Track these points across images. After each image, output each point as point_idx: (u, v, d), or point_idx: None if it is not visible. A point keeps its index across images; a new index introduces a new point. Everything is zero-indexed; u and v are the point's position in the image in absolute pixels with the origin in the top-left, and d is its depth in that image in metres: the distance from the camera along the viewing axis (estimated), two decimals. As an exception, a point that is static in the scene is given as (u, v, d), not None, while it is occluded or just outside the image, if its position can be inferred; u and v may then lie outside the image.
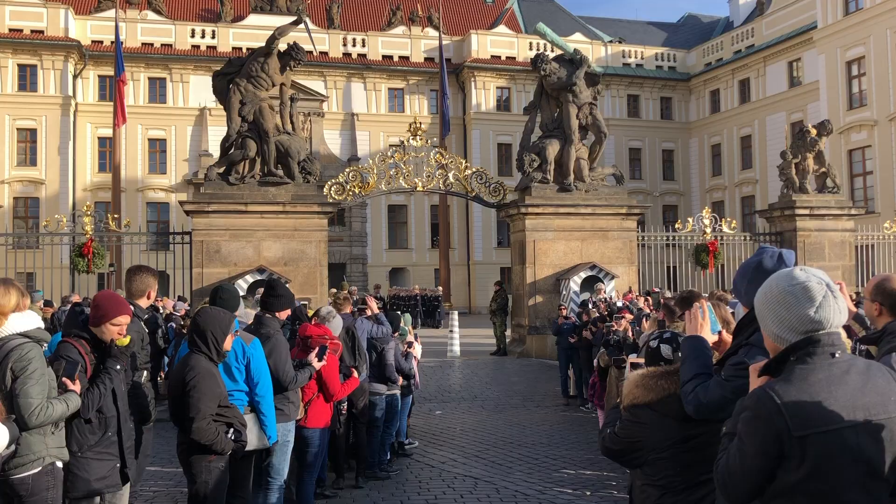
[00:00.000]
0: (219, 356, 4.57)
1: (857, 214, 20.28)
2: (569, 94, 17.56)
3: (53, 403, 3.75)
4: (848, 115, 32.83)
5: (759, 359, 2.84)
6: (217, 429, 4.42)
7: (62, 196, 35.26)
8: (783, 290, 2.22)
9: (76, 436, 4.04)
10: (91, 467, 4.06)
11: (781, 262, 3.00)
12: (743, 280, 3.09)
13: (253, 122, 15.51)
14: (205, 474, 4.47)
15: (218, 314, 4.68)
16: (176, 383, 4.55)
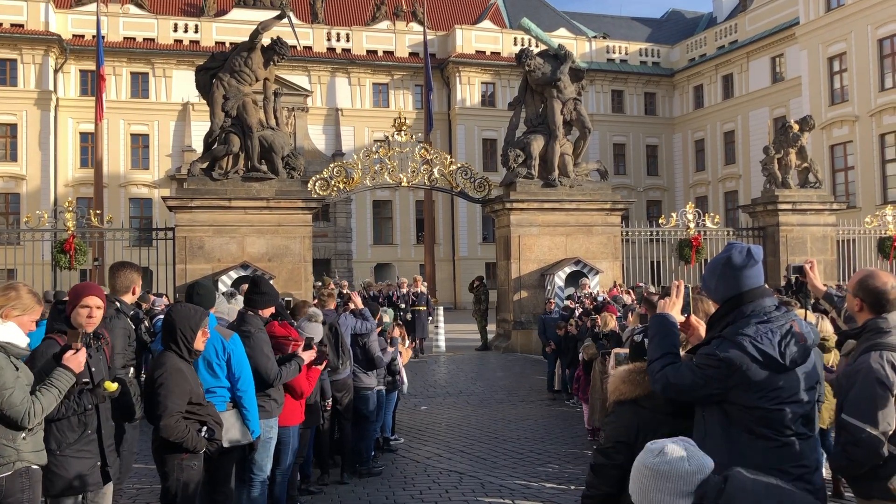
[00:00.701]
0: (190, 354, 4.52)
1: (838, 209, 20.46)
2: (553, 90, 17.58)
3: (39, 397, 3.72)
4: (830, 111, 33.10)
5: (731, 351, 2.91)
6: (188, 426, 4.38)
7: (43, 192, 34.92)
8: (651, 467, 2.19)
9: (55, 434, 4.00)
10: (70, 465, 4.03)
11: (751, 258, 3.04)
12: (713, 277, 3.11)
13: (236, 118, 15.43)
14: (177, 472, 4.45)
15: (189, 311, 4.63)
16: (147, 380, 4.54)
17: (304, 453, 6.77)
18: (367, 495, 7.01)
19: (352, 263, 39.44)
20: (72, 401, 3.96)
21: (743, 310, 2.99)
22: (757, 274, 3.05)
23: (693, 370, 2.92)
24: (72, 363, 3.88)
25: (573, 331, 11.19)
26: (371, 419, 7.88)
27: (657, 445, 2.21)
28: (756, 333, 2.91)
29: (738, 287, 3.02)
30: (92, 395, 4.05)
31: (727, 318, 3.03)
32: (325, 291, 9.03)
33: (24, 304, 3.90)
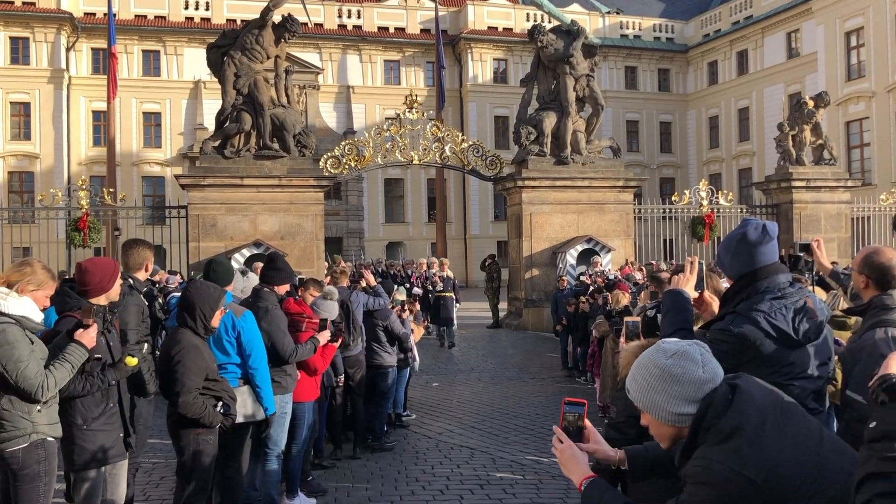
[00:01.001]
0: (206, 331, 4.58)
1: (853, 186, 20.28)
2: (566, 66, 17.45)
3: (52, 371, 3.78)
4: (846, 87, 32.69)
5: (745, 327, 2.92)
6: (204, 402, 4.45)
7: (57, 170, 35.10)
8: (662, 367, 2.09)
9: (80, 409, 4.09)
10: (96, 438, 4.12)
11: (766, 234, 3.03)
12: (727, 253, 3.12)
13: (248, 95, 15.42)
14: (193, 447, 4.52)
15: (208, 289, 4.69)
16: (163, 357, 4.59)
17: (316, 429, 6.85)
18: (379, 470, 7.08)
19: (363, 242, 39.50)
20: (96, 377, 4.03)
21: (757, 286, 3.00)
22: (772, 250, 3.05)
23: None
24: (84, 339, 3.94)
25: (585, 308, 11.19)
26: (387, 395, 7.97)
27: (672, 346, 2.12)
28: (770, 309, 2.92)
29: (752, 263, 3.03)
30: (114, 370, 4.12)
31: (741, 293, 3.03)
32: (338, 269, 9.09)
33: (39, 279, 3.95)
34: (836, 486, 1.99)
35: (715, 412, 2.03)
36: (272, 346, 5.37)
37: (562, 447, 2.31)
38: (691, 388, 2.05)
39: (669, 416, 2.09)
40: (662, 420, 2.11)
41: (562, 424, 2.35)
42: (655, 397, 2.09)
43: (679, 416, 2.08)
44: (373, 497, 6.27)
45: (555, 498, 6.20)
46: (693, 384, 2.05)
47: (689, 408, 2.06)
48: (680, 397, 2.06)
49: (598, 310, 10.09)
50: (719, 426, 2.02)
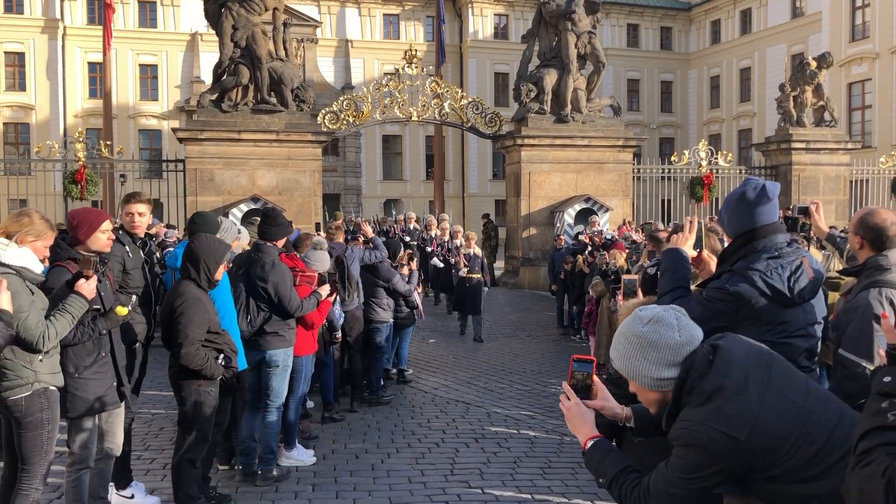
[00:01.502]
0: (210, 284, 4.62)
1: (853, 149, 20.22)
2: (568, 23, 17.24)
3: (53, 322, 3.81)
4: (849, 48, 32.37)
5: (741, 285, 2.95)
6: (206, 354, 4.51)
7: (53, 122, 34.82)
8: (639, 335, 2.12)
9: (72, 358, 4.12)
10: (89, 387, 4.16)
11: (764, 194, 3.06)
12: (727, 211, 3.15)
13: (246, 48, 15.24)
14: (194, 397, 4.58)
15: (213, 242, 4.71)
16: (166, 309, 4.62)
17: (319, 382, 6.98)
18: (376, 423, 7.18)
19: (361, 199, 39.42)
20: (87, 326, 4.06)
21: (755, 245, 3.04)
22: (771, 210, 3.07)
23: (702, 303, 2.98)
24: (84, 290, 3.96)
25: (584, 268, 11.22)
26: (382, 350, 8.05)
27: (647, 313, 2.16)
28: (766, 268, 2.96)
29: (751, 223, 3.05)
30: (105, 319, 4.15)
31: (739, 252, 3.07)
32: (334, 224, 9.10)
33: (38, 230, 3.96)
34: (821, 437, 2.03)
35: (696, 374, 2.07)
36: (278, 301, 5.41)
37: (569, 404, 2.34)
38: (668, 352, 2.09)
39: (651, 381, 2.13)
40: (646, 386, 2.15)
41: (570, 382, 2.37)
42: (636, 364, 2.12)
43: (660, 380, 2.11)
44: (369, 450, 6.37)
45: (548, 451, 6.31)
46: (670, 349, 2.09)
47: (669, 372, 2.09)
48: (659, 362, 2.09)
49: (595, 269, 10.14)
50: (701, 387, 2.05)
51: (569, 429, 2.38)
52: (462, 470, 5.85)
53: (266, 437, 5.58)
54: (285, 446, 5.95)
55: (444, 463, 6.02)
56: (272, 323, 5.49)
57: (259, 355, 5.52)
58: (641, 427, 2.46)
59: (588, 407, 2.34)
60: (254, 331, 5.46)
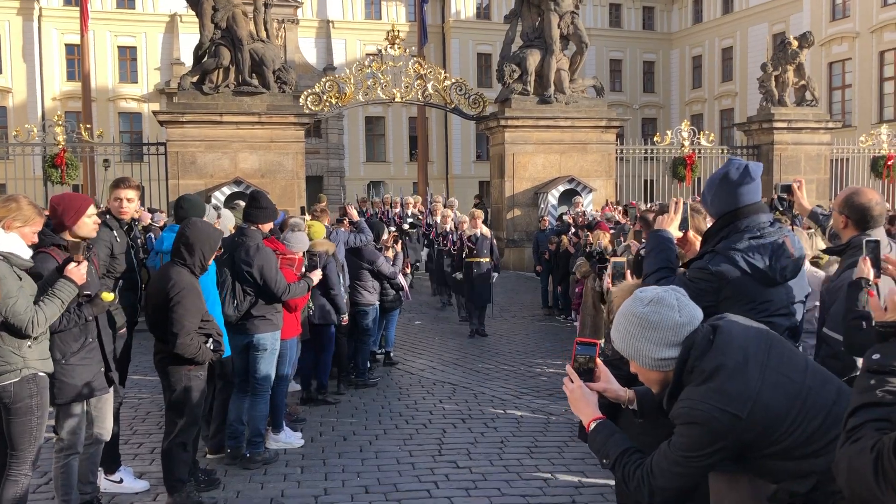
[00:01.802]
0: (202, 271, 4.60)
1: (833, 128, 20.37)
2: (550, 3, 17.20)
3: (42, 307, 3.80)
4: (830, 27, 32.51)
5: (722, 265, 2.98)
6: (199, 342, 4.51)
7: (30, 105, 34.33)
8: (640, 315, 2.15)
9: (59, 345, 4.10)
10: (76, 373, 4.15)
11: (747, 174, 3.08)
12: (709, 191, 3.17)
13: (226, 30, 15.09)
14: (184, 382, 4.58)
15: (208, 228, 4.68)
16: (156, 294, 4.56)
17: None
18: (363, 405, 7.21)
19: (344, 181, 39.23)
20: (72, 312, 4.04)
21: (737, 225, 3.06)
22: (753, 190, 3.10)
23: (685, 284, 2.99)
24: (74, 275, 3.94)
25: (570, 248, 11.28)
26: (369, 333, 8.06)
27: (647, 293, 2.19)
28: (748, 248, 2.99)
29: (733, 203, 3.08)
30: (91, 305, 4.13)
31: (721, 232, 3.09)
32: (319, 207, 9.07)
33: (25, 215, 3.92)
34: (821, 414, 2.07)
35: (697, 353, 2.09)
36: (264, 284, 5.40)
37: (572, 387, 2.36)
38: (669, 332, 2.11)
39: (652, 361, 2.15)
40: (647, 366, 2.17)
41: (573, 364, 2.38)
42: (637, 345, 2.15)
43: (661, 360, 2.13)
44: (357, 431, 6.40)
45: (535, 431, 6.37)
46: (671, 329, 2.11)
47: (670, 352, 2.11)
48: (660, 342, 2.12)
49: (580, 250, 10.19)
50: (702, 366, 2.08)
51: (572, 410, 2.40)
52: (450, 450, 5.89)
53: (254, 420, 5.59)
54: (273, 429, 5.96)
55: (431, 444, 6.07)
56: (259, 307, 5.49)
57: (246, 339, 5.52)
58: (644, 409, 2.49)
59: (591, 389, 2.36)
60: (241, 315, 5.45)
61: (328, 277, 6.91)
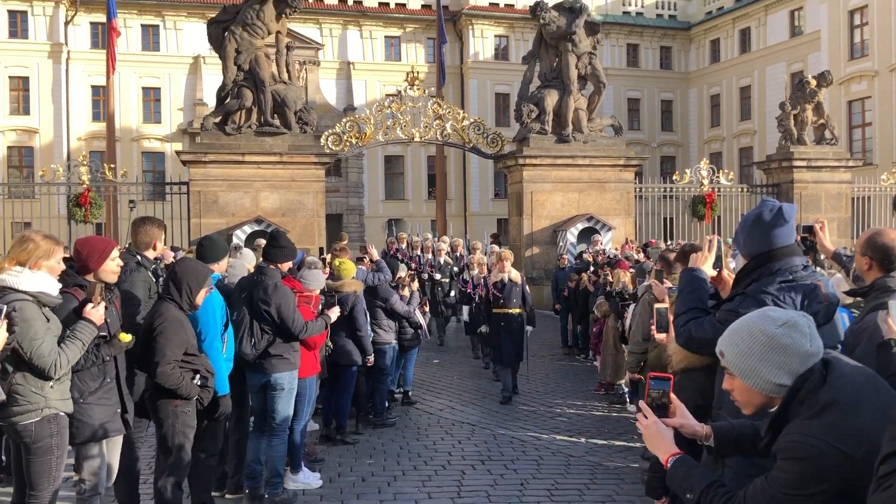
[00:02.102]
0: (190, 307, 4.61)
1: (854, 166, 20.28)
2: (568, 44, 17.38)
3: (64, 349, 3.83)
4: (849, 66, 32.54)
5: (752, 308, 2.93)
6: (182, 374, 4.49)
7: (57, 145, 34.99)
8: (770, 335, 2.06)
9: (77, 384, 4.13)
10: (94, 413, 4.17)
11: (780, 216, 3.03)
12: (742, 232, 3.12)
13: (249, 71, 15.37)
14: (171, 419, 4.57)
15: (196, 266, 4.74)
16: (145, 329, 4.59)
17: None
18: (381, 445, 7.16)
19: (363, 219, 39.48)
20: (90, 353, 4.07)
21: (770, 267, 3.01)
22: (787, 233, 3.05)
23: (714, 325, 2.96)
24: (93, 316, 3.99)
25: (589, 286, 11.19)
26: (386, 372, 8.03)
27: (780, 315, 2.09)
28: (779, 291, 2.93)
29: (766, 244, 3.03)
30: (109, 346, 4.16)
31: (753, 274, 3.04)
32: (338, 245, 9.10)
33: (44, 249, 3.97)
34: None
35: (811, 386, 2.01)
36: (282, 322, 5.41)
37: (647, 423, 2.30)
38: (797, 360, 2.03)
39: (768, 385, 2.06)
40: (757, 388, 2.08)
41: (647, 400, 2.34)
42: (757, 364, 2.06)
43: (778, 386, 2.05)
44: (375, 472, 6.35)
45: (555, 473, 6.28)
46: (799, 356, 2.03)
47: (788, 379, 2.04)
48: (783, 368, 2.03)
49: (600, 289, 10.14)
50: (815, 400, 1.99)
51: (648, 447, 2.34)
52: (469, 492, 5.82)
53: (272, 461, 5.57)
54: (291, 469, 5.93)
55: (450, 485, 6.00)
56: (276, 346, 5.49)
57: (264, 378, 5.51)
58: (721, 446, 2.40)
59: (667, 425, 2.30)
60: (258, 354, 5.46)
61: (355, 318, 6.92)
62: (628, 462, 6.62)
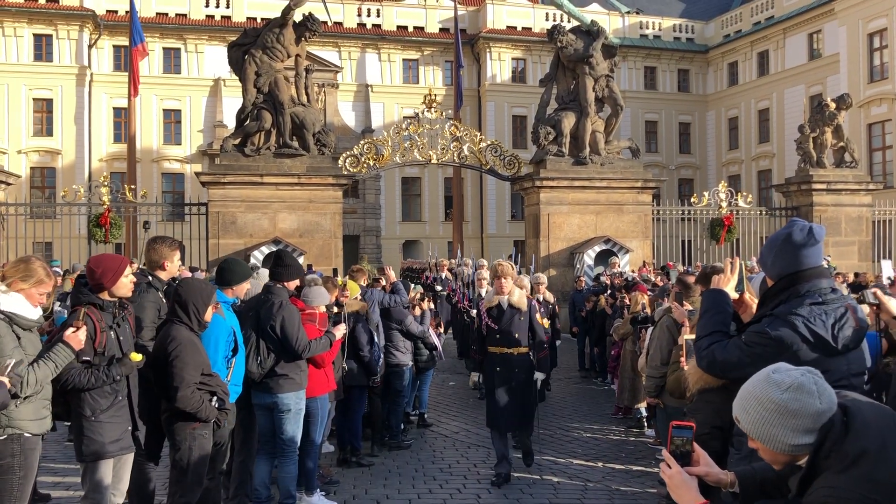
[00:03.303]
0: (200, 326, 4.61)
1: (874, 189, 20.10)
2: (585, 67, 17.43)
3: (34, 369, 3.84)
4: (868, 89, 32.38)
5: (782, 330, 2.82)
6: (201, 397, 4.49)
7: (78, 166, 35.45)
8: (778, 402, 2.03)
9: (88, 401, 4.16)
10: (104, 430, 4.18)
11: (811, 236, 2.96)
12: (770, 252, 3.04)
13: (268, 94, 15.53)
14: (188, 441, 4.56)
15: (200, 285, 4.74)
16: (159, 353, 4.59)
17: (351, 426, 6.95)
18: (396, 467, 7.12)
19: (380, 240, 39.58)
20: (101, 371, 4.09)
21: (798, 288, 2.93)
22: (816, 254, 2.97)
23: (741, 348, 2.88)
24: (72, 340, 4.00)
25: (607, 308, 11.12)
26: (403, 394, 8.00)
27: (784, 378, 2.07)
28: (810, 314, 2.85)
29: (795, 265, 2.95)
30: (120, 365, 4.18)
31: (780, 295, 2.96)
32: (355, 267, 9.12)
33: (35, 276, 4.00)
34: None
35: (834, 437, 1.99)
36: (285, 340, 5.40)
37: (671, 472, 2.27)
38: (809, 420, 2.01)
39: (787, 447, 2.05)
40: (779, 450, 2.08)
41: (670, 448, 2.30)
42: (773, 431, 2.05)
43: (797, 446, 2.04)
44: (390, 495, 6.30)
45: (572, 498, 6.21)
46: (811, 416, 2.01)
47: (807, 438, 2.02)
48: (798, 429, 2.02)
49: (618, 311, 10.07)
50: (842, 450, 1.98)
51: (673, 497, 2.29)
52: (484, 516, 5.75)
53: (284, 482, 5.55)
54: (306, 492, 5.89)
55: (466, 509, 5.93)
56: (283, 365, 5.47)
57: (270, 399, 5.49)
58: (746, 492, 2.37)
59: (691, 474, 2.27)
60: (264, 372, 5.45)
61: (357, 339, 6.89)
62: (646, 487, 6.54)
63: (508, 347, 6.51)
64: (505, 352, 6.53)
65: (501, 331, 6.50)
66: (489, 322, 6.62)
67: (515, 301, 6.53)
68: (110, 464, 4.26)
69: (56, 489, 6.32)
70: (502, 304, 6.53)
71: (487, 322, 6.62)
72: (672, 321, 5.46)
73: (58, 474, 6.78)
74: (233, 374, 5.00)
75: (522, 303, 6.57)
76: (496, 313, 6.54)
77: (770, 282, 3.07)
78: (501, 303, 6.53)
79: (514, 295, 6.55)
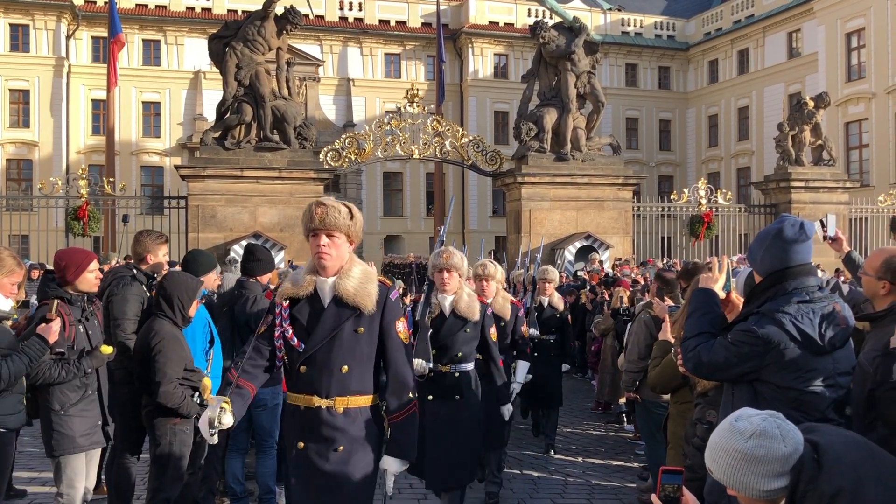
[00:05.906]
0: (184, 321, 4.57)
1: (851, 188, 20.34)
2: (567, 63, 17.45)
3: (7, 363, 3.84)
4: (846, 88, 32.74)
5: (769, 328, 2.79)
6: (183, 392, 4.46)
7: (56, 158, 35.05)
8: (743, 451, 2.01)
9: (58, 396, 4.14)
10: (74, 424, 4.16)
11: (802, 232, 2.94)
12: (760, 247, 3.00)
13: (249, 87, 15.42)
14: (169, 437, 4.52)
15: (185, 279, 4.68)
16: (141, 348, 4.55)
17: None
18: (377, 463, 7.10)
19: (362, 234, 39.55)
20: (72, 364, 4.06)
21: (785, 286, 2.90)
22: (806, 250, 2.94)
23: (727, 347, 2.86)
24: (46, 333, 3.97)
25: (588, 305, 11.19)
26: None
27: (746, 426, 2.05)
28: (797, 312, 2.82)
29: (784, 261, 2.92)
30: (91, 358, 4.15)
31: (768, 293, 2.93)
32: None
33: (4, 265, 3.97)
34: None
35: (807, 478, 1.99)
36: None
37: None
38: (777, 464, 2.01)
39: (762, 493, 2.04)
40: (755, 497, 2.06)
41: (659, 494, 2.28)
42: (743, 479, 2.04)
43: (770, 491, 2.03)
44: (370, 489, 6.29)
45: (553, 493, 6.24)
46: (779, 461, 2.01)
47: (779, 482, 2.01)
48: (768, 475, 2.01)
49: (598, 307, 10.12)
50: (818, 491, 1.97)
51: None
52: (464, 511, 5.75)
53: (262, 476, 5.53)
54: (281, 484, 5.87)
55: None
56: None
57: None
58: None
59: None
60: None
61: None
62: (626, 482, 6.58)
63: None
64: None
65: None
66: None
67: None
68: (83, 458, 4.23)
69: (32, 484, 6.25)
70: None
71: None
72: (650, 316, 5.49)
73: (34, 469, 6.71)
74: (212, 367, 4.98)
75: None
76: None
77: (758, 277, 3.03)
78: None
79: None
